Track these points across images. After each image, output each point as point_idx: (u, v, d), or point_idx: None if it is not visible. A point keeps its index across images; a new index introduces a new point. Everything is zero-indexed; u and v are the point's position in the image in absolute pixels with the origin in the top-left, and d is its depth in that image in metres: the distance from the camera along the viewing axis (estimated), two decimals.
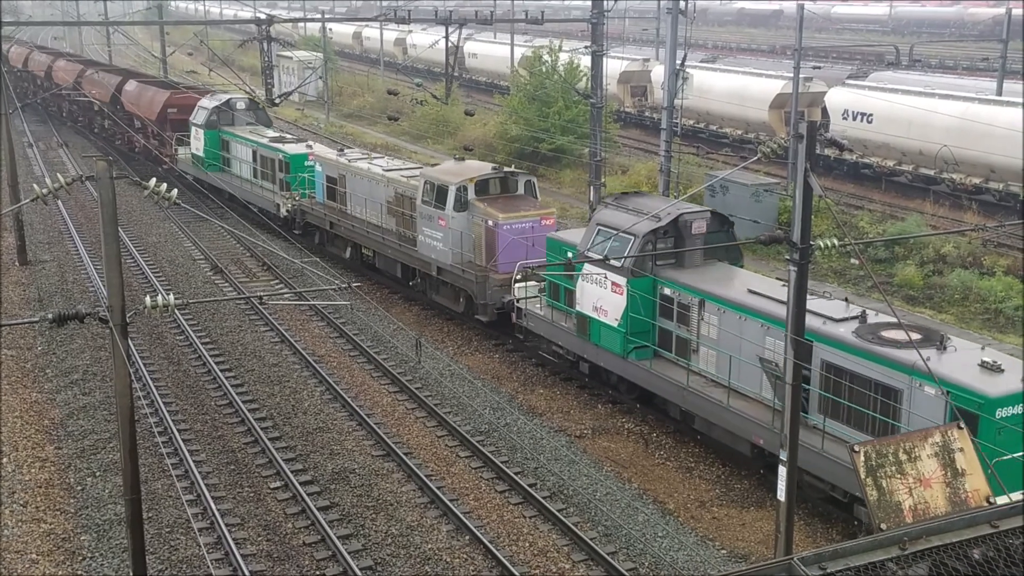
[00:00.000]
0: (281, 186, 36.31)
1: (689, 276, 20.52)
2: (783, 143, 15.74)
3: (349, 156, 33.70)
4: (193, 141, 42.71)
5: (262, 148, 38.13)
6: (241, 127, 41.09)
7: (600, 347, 21.89)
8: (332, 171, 33.25)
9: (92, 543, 17.06)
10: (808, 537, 17.15)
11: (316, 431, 21.34)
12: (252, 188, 38.25)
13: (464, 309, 27.07)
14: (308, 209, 34.41)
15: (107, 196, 12.16)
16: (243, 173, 39.48)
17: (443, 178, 26.95)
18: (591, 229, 22.30)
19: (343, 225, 32.08)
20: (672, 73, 33.16)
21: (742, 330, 19.05)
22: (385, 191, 30.07)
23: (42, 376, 24.34)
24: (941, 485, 6.63)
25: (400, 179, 29.67)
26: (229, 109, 41.60)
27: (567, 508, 18.10)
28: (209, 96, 43.80)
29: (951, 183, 39.10)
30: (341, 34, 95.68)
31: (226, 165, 40.84)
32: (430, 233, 27.39)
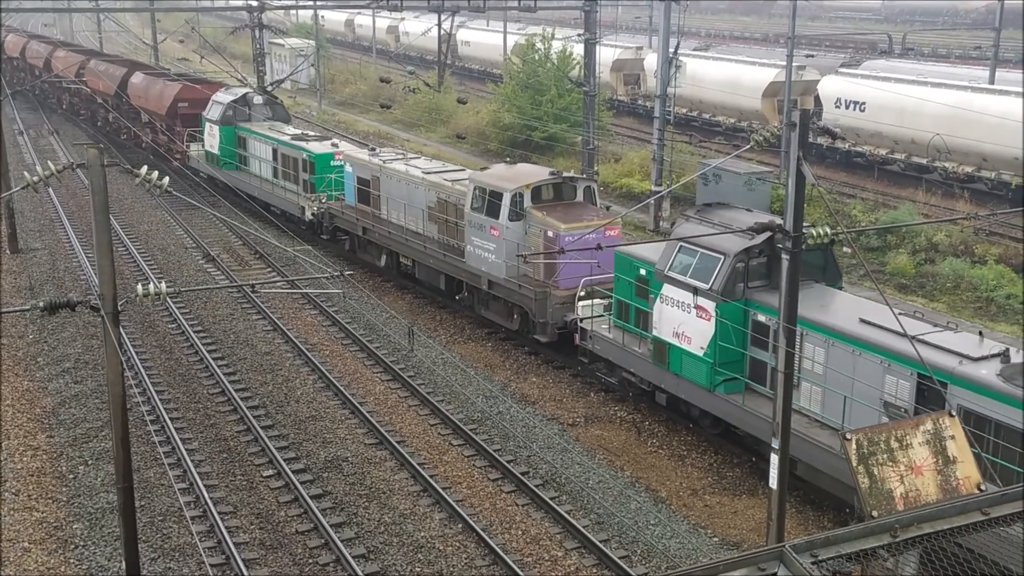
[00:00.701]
0: (305, 187, 34.02)
1: None
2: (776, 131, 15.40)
3: (383, 156, 30.98)
4: (207, 138, 40.48)
5: (283, 146, 35.73)
6: (258, 123, 38.77)
7: (681, 377, 19.54)
8: (364, 172, 30.76)
9: (84, 531, 17.06)
10: (800, 525, 17.20)
11: (309, 419, 21.34)
12: (274, 189, 36.06)
13: (519, 327, 24.96)
14: (337, 213, 32.03)
15: (98, 184, 12.12)
16: (262, 172, 37.25)
17: (496, 184, 24.69)
18: (671, 245, 19.80)
19: (377, 231, 29.94)
20: (665, 61, 33.13)
21: (855, 366, 16.62)
22: (426, 196, 27.84)
23: (34, 364, 24.29)
24: (932, 473, 6.65)
25: (443, 183, 27.38)
26: (246, 104, 39.18)
27: (559, 496, 18.13)
28: (224, 90, 41.42)
29: (943, 172, 39.15)
30: (333, 21, 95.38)
31: (243, 163, 38.68)
32: (480, 244, 25.21)
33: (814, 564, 4.85)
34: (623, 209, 33.70)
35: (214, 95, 40.53)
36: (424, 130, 55.25)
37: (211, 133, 39.92)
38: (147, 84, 46.41)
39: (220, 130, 39.00)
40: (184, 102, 42.77)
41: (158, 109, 44.11)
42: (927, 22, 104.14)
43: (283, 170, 35.60)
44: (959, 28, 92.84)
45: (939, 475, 6.67)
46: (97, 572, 15.93)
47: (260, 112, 39.28)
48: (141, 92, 46.34)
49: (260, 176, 37.28)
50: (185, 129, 42.44)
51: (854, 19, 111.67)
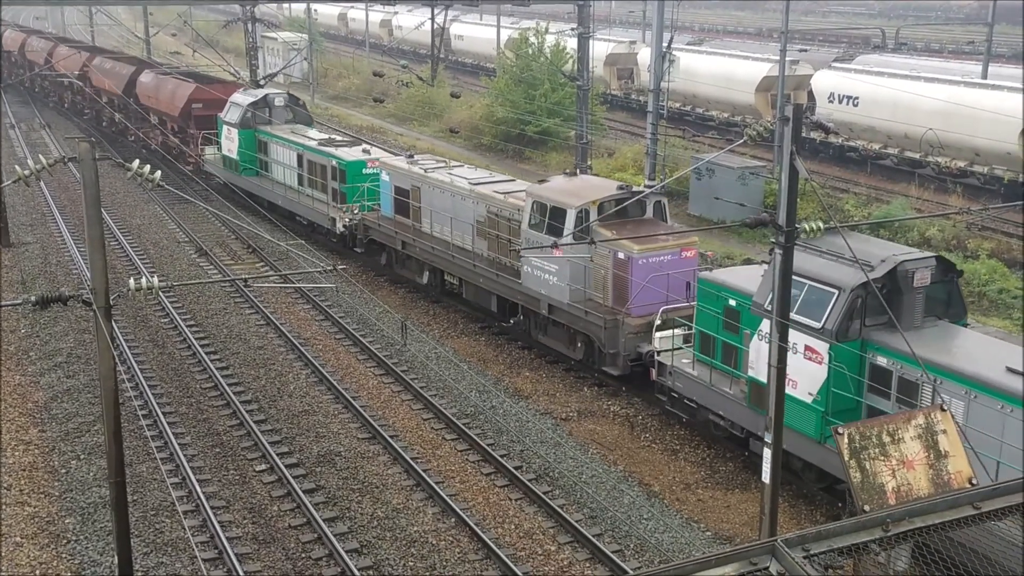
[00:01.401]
0: (335, 197, 31.75)
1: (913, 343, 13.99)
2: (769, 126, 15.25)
3: (423, 164, 28.66)
4: (224, 141, 38.16)
5: (310, 152, 33.48)
6: (280, 126, 36.70)
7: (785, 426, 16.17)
8: (403, 182, 28.52)
9: (76, 526, 17.03)
10: (792, 519, 17.24)
11: (301, 414, 21.32)
12: (299, 198, 33.79)
13: (584, 357, 22.85)
14: (373, 225, 29.75)
15: (90, 178, 12.08)
16: (286, 179, 34.97)
17: (558, 199, 22.54)
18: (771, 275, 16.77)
19: (419, 246, 27.65)
20: (658, 56, 33.10)
21: (1005, 427, 14.27)
22: (474, 209, 25.72)
23: (25, 359, 24.23)
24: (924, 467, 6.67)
25: (494, 196, 25.22)
26: (266, 106, 37.13)
27: (553, 491, 18.15)
28: (242, 91, 39.20)
29: (936, 166, 39.22)
30: (326, 15, 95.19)
31: (263, 169, 36.59)
32: (540, 264, 23.10)
33: (806, 558, 4.85)
34: None
35: (232, 96, 38.33)
36: (417, 124, 55.18)
37: (229, 136, 37.66)
38: (158, 84, 44.24)
39: (239, 134, 36.74)
40: (198, 103, 40.69)
41: (170, 110, 42.22)
42: (920, 17, 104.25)
43: (309, 177, 33.36)
44: (952, 23, 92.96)
45: (931, 469, 6.69)
46: (89, 567, 15.91)
47: (281, 114, 37.32)
48: (151, 92, 44.37)
49: (283, 183, 35.07)
50: (199, 132, 40.51)
51: (847, 14, 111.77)
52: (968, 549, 5.27)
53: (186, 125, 41.38)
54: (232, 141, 37.34)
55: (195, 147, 40.59)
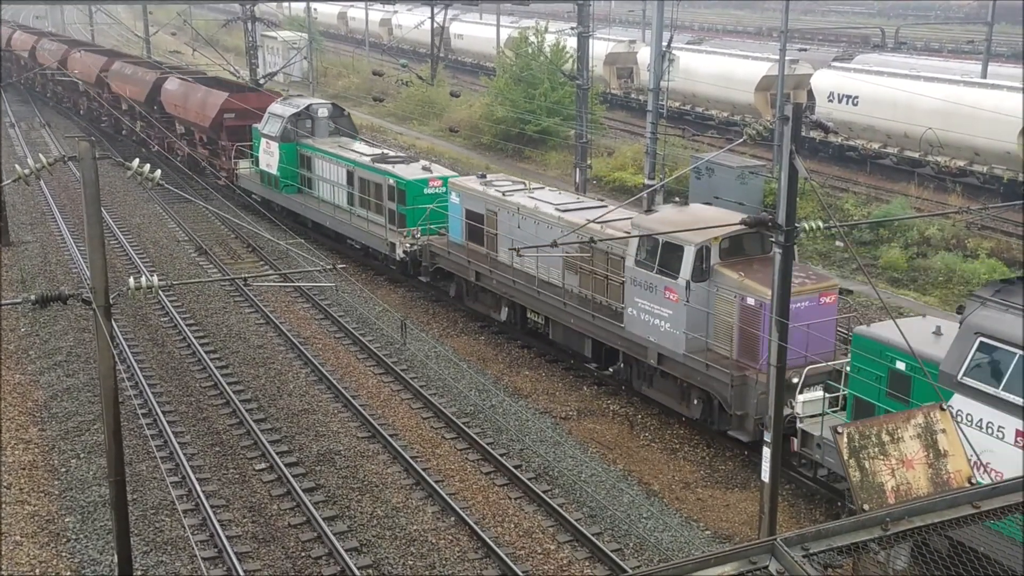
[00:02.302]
0: (392, 219, 28.85)
1: None
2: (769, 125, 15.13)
3: (499, 186, 25.78)
4: (262, 155, 35.32)
5: (362, 169, 30.48)
6: (325, 140, 33.91)
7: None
8: (475, 205, 25.73)
9: (76, 525, 17.04)
10: (792, 518, 17.25)
11: (301, 413, 21.33)
12: (351, 220, 30.74)
13: (701, 415, 19.86)
14: (440, 252, 26.85)
15: (90, 177, 12.08)
16: (334, 198, 32.00)
17: (674, 234, 19.37)
18: (965, 338, 14.21)
19: (496, 278, 24.81)
20: (658, 55, 33.10)
21: None
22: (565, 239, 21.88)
23: (25, 358, 24.23)
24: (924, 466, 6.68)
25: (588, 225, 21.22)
26: (309, 117, 34.36)
27: (552, 490, 18.15)
28: (282, 101, 36.28)
29: (936, 166, 39.22)
30: (326, 14, 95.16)
31: (306, 186, 33.77)
32: (649, 307, 20.23)
33: (805, 557, 4.86)
34: (616, 203, 33.69)
35: (271, 107, 35.56)
36: (417, 123, 55.19)
37: (268, 150, 34.81)
38: (186, 91, 41.22)
39: (280, 148, 33.90)
40: (230, 112, 37.82)
41: (199, 120, 39.43)
42: (920, 16, 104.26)
43: (361, 197, 30.44)
44: (952, 22, 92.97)
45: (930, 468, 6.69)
46: (89, 565, 15.92)
47: (324, 127, 34.45)
48: (178, 100, 41.52)
49: (331, 202, 32.06)
50: (232, 143, 37.80)
51: (847, 13, 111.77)
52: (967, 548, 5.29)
53: (216, 136, 38.79)
54: (271, 155, 34.58)
55: (227, 160, 38.12)
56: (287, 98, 36.69)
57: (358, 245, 30.80)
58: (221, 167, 38.46)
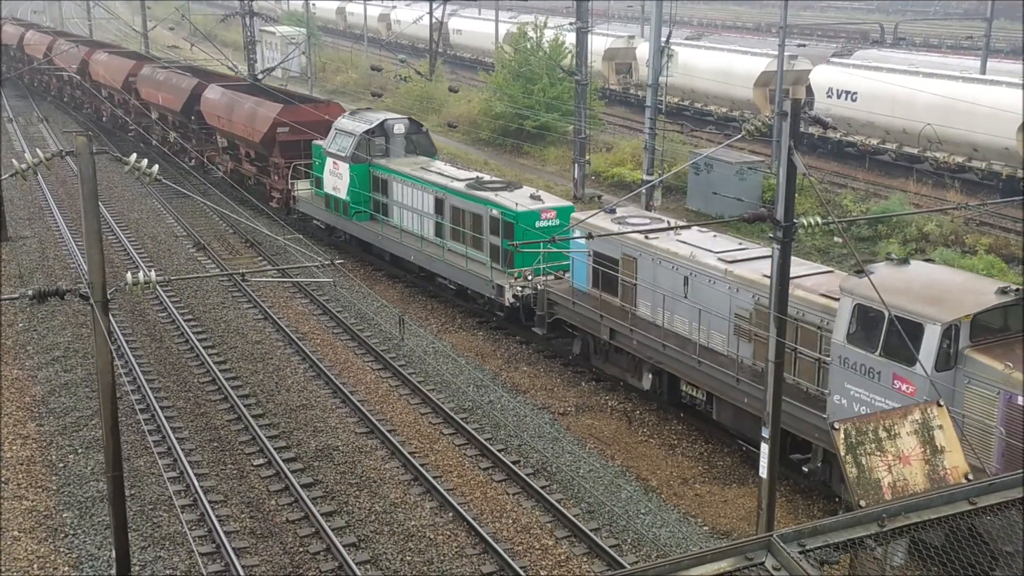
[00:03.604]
0: (495, 256, 25.06)
1: None
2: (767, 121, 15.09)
3: (636, 223, 21.95)
4: (328, 176, 31.37)
5: (455, 197, 26.50)
6: (402, 160, 29.96)
7: None
8: (608, 247, 21.43)
9: (74, 520, 17.04)
10: (789, 514, 17.26)
11: (299, 408, 21.32)
12: (443, 255, 26.68)
13: None
14: (561, 300, 22.89)
15: (87, 172, 12.07)
16: (418, 229, 28.13)
17: (909, 308, 15.26)
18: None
19: (637, 338, 20.75)
20: (657, 51, 33.09)
21: None
22: (732, 298, 18.80)
23: (23, 353, 24.22)
24: (920, 462, 6.68)
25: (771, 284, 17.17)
26: (383, 134, 30.34)
27: (550, 485, 18.16)
28: (351, 115, 32.25)
29: (934, 162, 39.22)
30: (324, 9, 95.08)
31: (381, 212, 29.82)
32: (867, 398, 16.01)
33: (802, 554, 4.86)
34: (615, 198, 33.70)
35: (337, 122, 31.77)
36: (415, 119, 55.09)
37: (334, 171, 30.86)
38: (230, 102, 36.96)
39: (351, 169, 30.02)
40: (284, 126, 33.56)
41: (248, 135, 35.31)
42: (919, 12, 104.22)
43: (454, 228, 26.66)
44: (951, 18, 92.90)
45: (927, 465, 6.70)
46: (87, 561, 15.92)
47: (400, 144, 30.45)
48: (222, 111, 37.35)
49: (414, 233, 28.23)
50: (287, 161, 33.86)
51: (846, 9, 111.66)
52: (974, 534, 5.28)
53: (267, 152, 34.75)
54: (340, 177, 30.58)
55: (280, 179, 34.30)
56: (356, 112, 32.85)
57: (452, 285, 26.79)
58: (273, 187, 35.08)
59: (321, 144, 31.78)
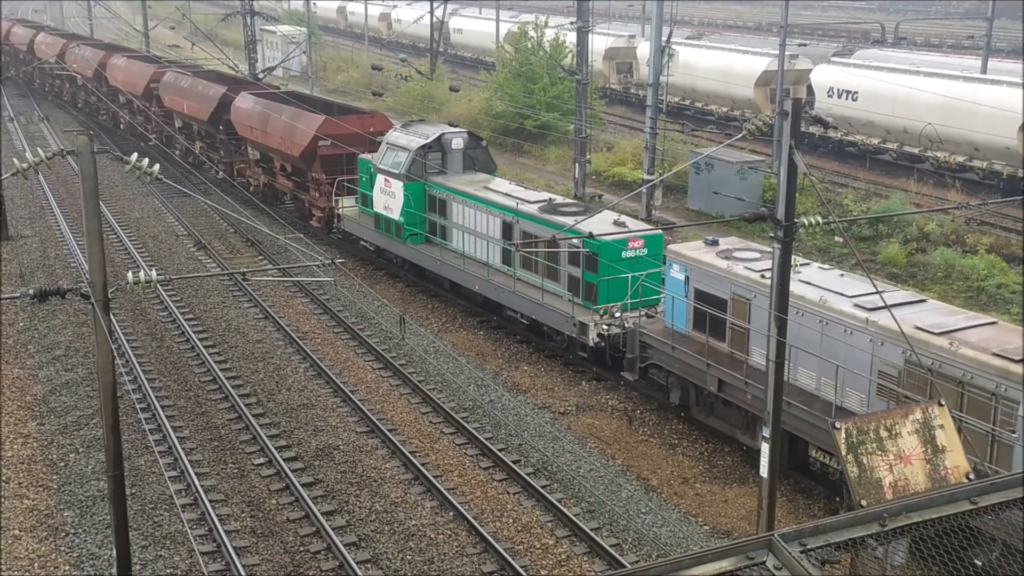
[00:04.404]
0: (575, 289, 22.80)
1: None
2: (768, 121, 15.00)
3: (748, 261, 18.99)
4: (378, 195, 28.79)
5: (526, 221, 23.99)
6: (459, 177, 27.45)
7: None
8: (713, 284, 19.18)
9: (75, 519, 17.04)
10: (790, 513, 17.26)
11: (300, 407, 21.33)
12: (513, 285, 24.32)
13: None
14: (658, 343, 20.34)
15: (88, 171, 12.07)
16: (483, 255, 25.72)
17: None
18: None
19: (752, 392, 18.21)
20: (657, 50, 33.07)
21: None
22: (875, 353, 16.37)
23: (24, 352, 24.23)
24: (921, 462, 6.68)
25: (929, 339, 15.49)
26: (440, 149, 27.85)
27: (551, 485, 18.16)
28: (403, 128, 29.74)
29: (935, 161, 39.21)
30: (325, 8, 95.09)
31: (439, 235, 27.43)
32: None
33: (803, 553, 4.86)
34: (615, 198, 33.68)
35: (389, 135, 29.18)
36: (416, 118, 55.11)
37: (386, 189, 28.35)
38: (265, 112, 34.27)
39: (405, 187, 27.44)
40: (325, 140, 30.97)
41: (286, 148, 32.81)
42: (920, 12, 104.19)
43: (526, 257, 24.51)
44: (952, 18, 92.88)
45: (928, 464, 6.69)
46: (88, 560, 15.93)
47: (458, 160, 28.03)
48: (255, 122, 34.82)
49: (478, 259, 25.87)
50: (328, 177, 31.70)
51: (847, 8, 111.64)
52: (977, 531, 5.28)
53: (307, 167, 32.46)
54: (392, 196, 28.09)
55: (322, 196, 32.21)
56: (409, 125, 30.20)
57: (523, 320, 24.38)
58: (313, 204, 32.92)
59: (369, 159, 29.35)
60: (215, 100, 37.99)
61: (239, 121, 36.29)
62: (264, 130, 34.15)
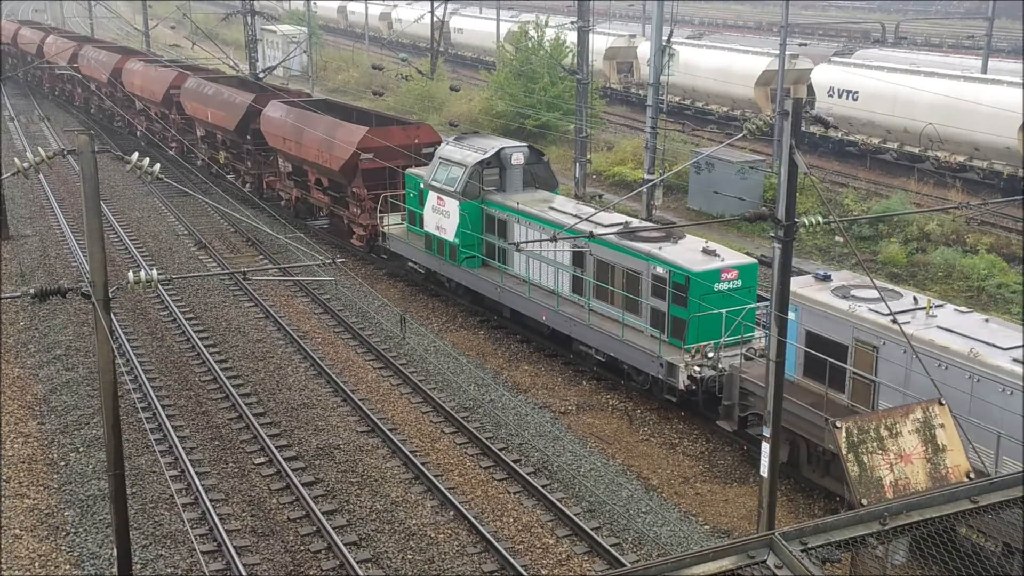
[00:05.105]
0: (657, 323, 20.74)
1: None
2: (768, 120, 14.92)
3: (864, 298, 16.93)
4: (430, 213, 26.72)
5: (601, 246, 21.95)
6: (519, 195, 25.07)
7: None
8: (830, 328, 17.00)
9: (76, 518, 17.05)
10: (791, 513, 17.26)
11: (300, 407, 21.33)
12: (586, 317, 22.26)
13: None
14: (761, 390, 17.21)
15: (89, 170, 12.07)
16: (549, 282, 23.75)
17: None
18: None
19: None
20: (658, 50, 33.07)
21: None
22: None
23: (24, 351, 24.23)
24: (922, 461, 6.68)
25: None
26: (499, 164, 25.66)
27: (551, 484, 18.16)
28: (456, 141, 27.46)
29: (935, 161, 39.21)
30: (326, 8, 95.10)
31: (497, 259, 25.29)
32: None
33: (803, 552, 4.87)
34: (616, 197, 33.68)
35: (442, 149, 27.11)
36: (416, 118, 55.13)
37: (438, 207, 26.31)
38: (298, 122, 32.09)
39: (461, 207, 25.30)
40: (368, 152, 28.97)
41: (324, 161, 30.73)
42: (920, 12, 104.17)
43: (599, 286, 22.26)
44: (952, 17, 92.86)
45: (928, 463, 6.70)
46: (88, 559, 15.93)
47: (518, 177, 25.83)
48: (288, 133, 32.64)
49: (543, 287, 23.91)
50: (370, 192, 29.60)
51: (847, 8, 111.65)
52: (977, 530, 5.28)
53: (347, 182, 30.41)
54: (446, 215, 26.03)
55: (363, 213, 30.15)
56: (464, 138, 27.83)
57: (599, 356, 22.08)
58: (353, 221, 30.86)
59: (417, 174, 27.44)
60: (242, 109, 35.99)
61: (269, 131, 34.29)
62: (299, 141, 32.07)
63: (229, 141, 38.50)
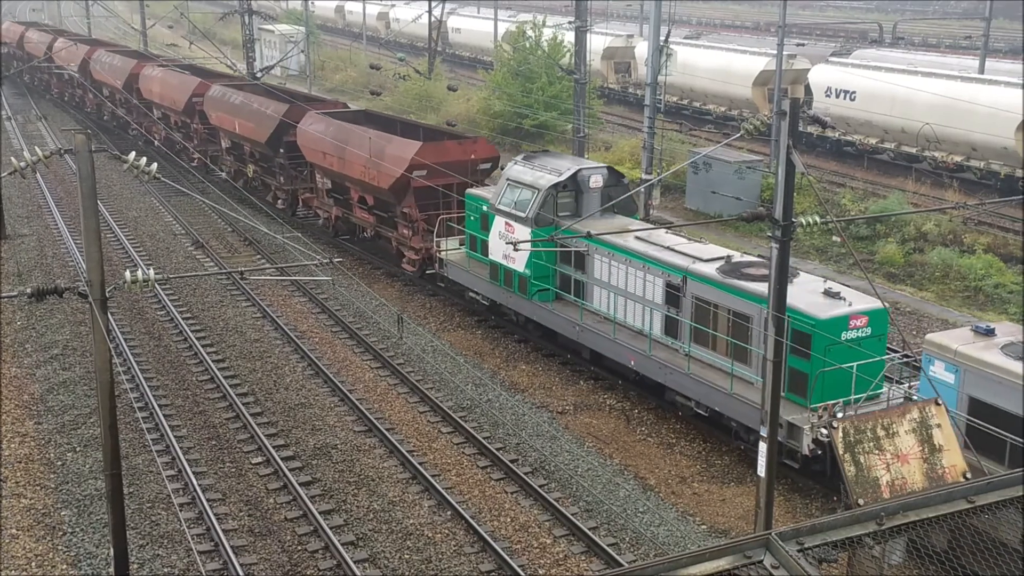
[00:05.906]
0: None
1: None
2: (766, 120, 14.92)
3: (1015, 343, 15.18)
4: (495, 240, 24.51)
5: (701, 284, 19.54)
6: (598, 222, 22.42)
7: None
8: (998, 393, 14.66)
9: (72, 518, 17.03)
10: (788, 512, 17.27)
11: (298, 406, 21.32)
12: (683, 363, 19.69)
13: None
14: None
15: (86, 170, 12.06)
16: (637, 321, 21.29)
17: None
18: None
19: None
20: (656, 50, 33.07)
21: None
22: None
23: (21, 351, 24.20)
24: (919, 461, 6.69)
25: None
26: (575, 188, 23.38)
27: (548, 484, 18.16)
28: (526, 160, 24.78)
29: (933, 161, 39.23)
30: (323, 7, 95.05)
31: (573, 293, 22.98)
32: None
33: (800, 552, 4.87)
34: None
35: (509, 170, 24.64)
36: (414, 117, 55.09)
37: (506, 234, 23.86)
38: (342, 137, 29.69)
39: (533, 235, 22.49)
40: (421, 169, 26.55)
41: (371, 178, 28.18)
42: (918, 12, 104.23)
43: (698, 329, 19.79)
44: (949, 18, 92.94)
45: (925, 463, 6.70)
46: (85, 559, 15.92)
47: (596, 201, 23.36)
48: (328, 148, 30.15)
49: (630, 327, 21.45)
50: (422, 212, 27.39)
51: (845, 8, 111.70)
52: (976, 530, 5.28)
53: (397, 201, 27.91)
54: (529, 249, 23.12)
55: (416, 235, 27.78)
56: (533, 157, 25.05)
57: (699, 409, 19.57)
58: (404, 244, 28.42)
59: (480, 195, 25.29)
60: (275, 120, 33.36)
61: (306, 145, 31.74)
62: (341, 157, 29.54)
63: (259, 154, 36.13)
